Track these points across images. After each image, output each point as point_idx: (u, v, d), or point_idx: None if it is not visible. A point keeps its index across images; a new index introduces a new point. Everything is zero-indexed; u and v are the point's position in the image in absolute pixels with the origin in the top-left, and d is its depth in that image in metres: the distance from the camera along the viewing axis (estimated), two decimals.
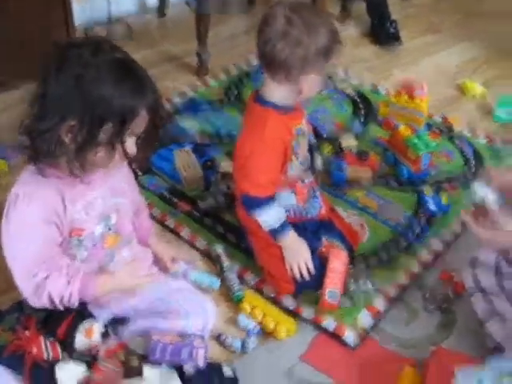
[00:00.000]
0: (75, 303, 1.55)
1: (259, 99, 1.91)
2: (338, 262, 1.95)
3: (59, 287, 1.51)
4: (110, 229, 1.66)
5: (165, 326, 1.71)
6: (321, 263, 1.99)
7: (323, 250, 2.03)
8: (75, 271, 1.54)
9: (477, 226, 1.70)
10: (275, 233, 1.95)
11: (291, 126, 1.92)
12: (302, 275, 1.98)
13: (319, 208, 2.10)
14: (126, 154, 1.51)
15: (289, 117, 1.92)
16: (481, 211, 1.72)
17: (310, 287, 2.00)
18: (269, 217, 1.93)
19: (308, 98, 1.91)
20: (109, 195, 1.64)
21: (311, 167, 2.07)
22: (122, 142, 1.48)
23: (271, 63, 1.80)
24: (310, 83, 1.83)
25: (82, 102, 1.41)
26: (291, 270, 1.97)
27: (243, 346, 1.85)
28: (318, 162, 2.28)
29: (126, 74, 1.47)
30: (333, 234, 2.09)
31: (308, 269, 1.97)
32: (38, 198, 1.50)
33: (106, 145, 1.46)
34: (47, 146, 1.45)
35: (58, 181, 1.52)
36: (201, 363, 1.66)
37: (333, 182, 2.45)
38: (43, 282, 1.49)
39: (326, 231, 2.09)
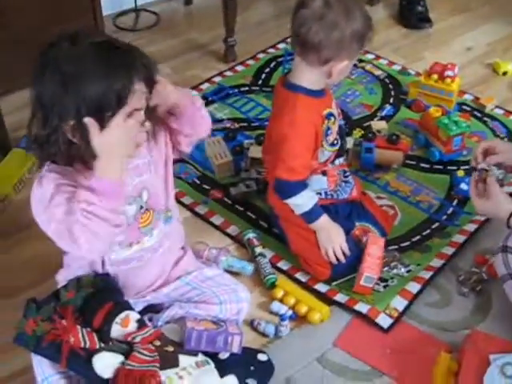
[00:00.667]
0: (114, 206, 1.43)
1: (288, 84, 1.90)
2: (375, 247, 1.95)
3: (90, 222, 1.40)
4: (141, 207, 1.63)
5: (199, 312, 1.73)
6: (355, 245, 1.99)
7: (356, 232, 2.04)
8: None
9: (474, 192, 1.88)
10: (308, 217, 1.96)
11: (321, 111, 1.92)
12: (337, 258, 1.98)
13: (350, 190, 2.10)
14: (142, 127, 1.47)
15: (319, 101, 1.91)
16: (481, 178, 1.88)
17: (346, 270, 2.00)
18: (301, 201, 1.93)
19: (336, 82, 1.90)
20: (132, 175, 1.60)
21: (342, 151, 2.06)
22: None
23: (305, 45, 1.79)
24: (341, 68, 1.82)
25: (73, 98, 1.35)
26: (326, 253, 1.97)
27: (276, 331, 1.86)
28: (349, 146, 2.26)
29: (110, 54, 1.39)
30: (365, 217, 2.09)
31: (343, 251, 1.98)
32: (51, 178, 1.45)
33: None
34: (55, 150, 1.42)
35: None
36: (236, 350, 1.68)
37: (362, 165, 2.43)
38: (80, 230, 1.39)
39: (358, 215, 2.08)
